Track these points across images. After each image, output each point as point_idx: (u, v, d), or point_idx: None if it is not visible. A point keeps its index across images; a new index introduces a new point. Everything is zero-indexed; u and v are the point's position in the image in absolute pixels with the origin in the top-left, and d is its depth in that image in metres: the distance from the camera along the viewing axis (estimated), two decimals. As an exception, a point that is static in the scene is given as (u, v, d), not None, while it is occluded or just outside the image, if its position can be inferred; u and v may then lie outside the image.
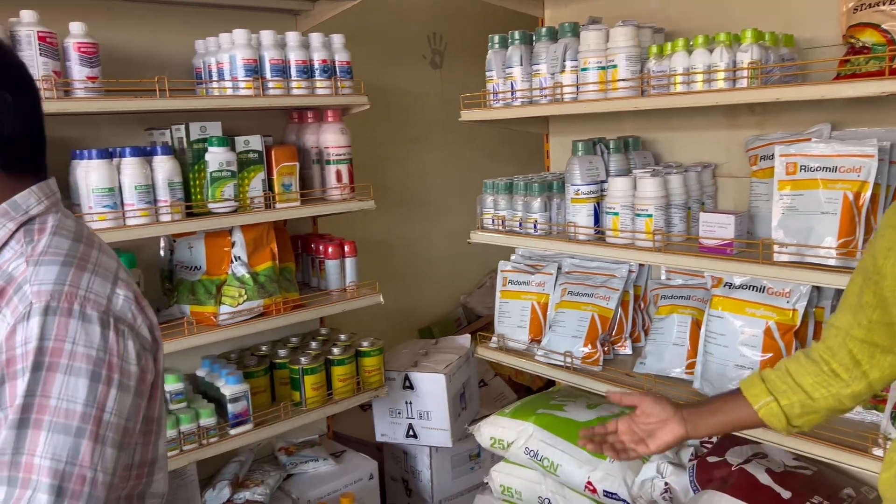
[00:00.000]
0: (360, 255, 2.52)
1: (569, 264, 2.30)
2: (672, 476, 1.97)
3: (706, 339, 1.79)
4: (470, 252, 3.80)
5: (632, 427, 1.33)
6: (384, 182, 3.33)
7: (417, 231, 3.66)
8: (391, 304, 2.60)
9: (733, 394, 1.24)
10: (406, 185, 3.59)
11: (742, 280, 1.74)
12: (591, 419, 2.21)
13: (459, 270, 3.88)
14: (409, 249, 3.64)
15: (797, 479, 1.77)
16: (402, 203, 3.56)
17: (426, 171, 3.68)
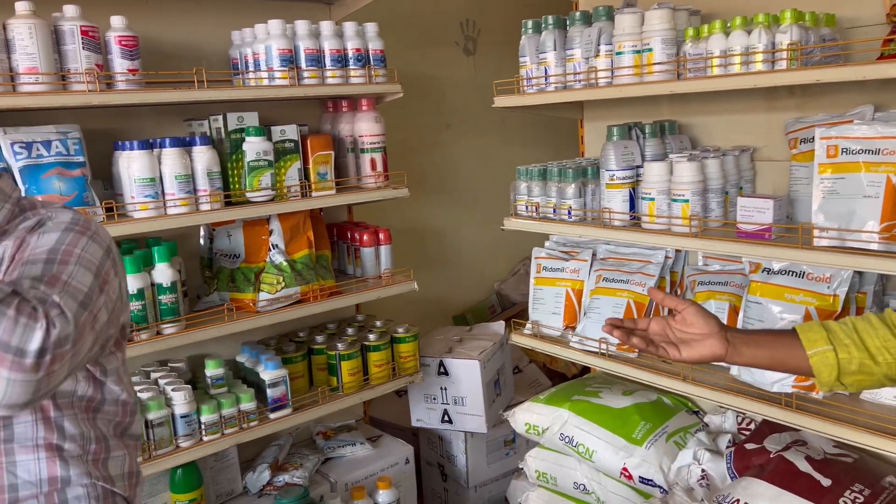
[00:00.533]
0: (394, 243, 2.54)
1: (603, 251, 2.29)
2: (709, 463, 1.96)
3: (744, 324, 1.77)
4: (503, 239, 3.80)
5: (665, 330, 1.22)
6: (417, 169, 3.34)
7: (451, 218, 3.67)
8: (425, 292, 2.62)
9: (786, 333, 1.17)
10: (439, 173, 3.60)
11: (781, 265, 1.71)
12: (627, 406, 2.21)
13: (493, 257, 3.88)
14: (443, 237, 3.66)
15: (837, 467, 1.75)
16: (436, 190, 3.57)
17: (459, 159, 3.68)
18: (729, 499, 1.78)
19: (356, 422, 2.75)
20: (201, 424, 2.07)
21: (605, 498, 2.14)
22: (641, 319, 1.25)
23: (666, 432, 2.12)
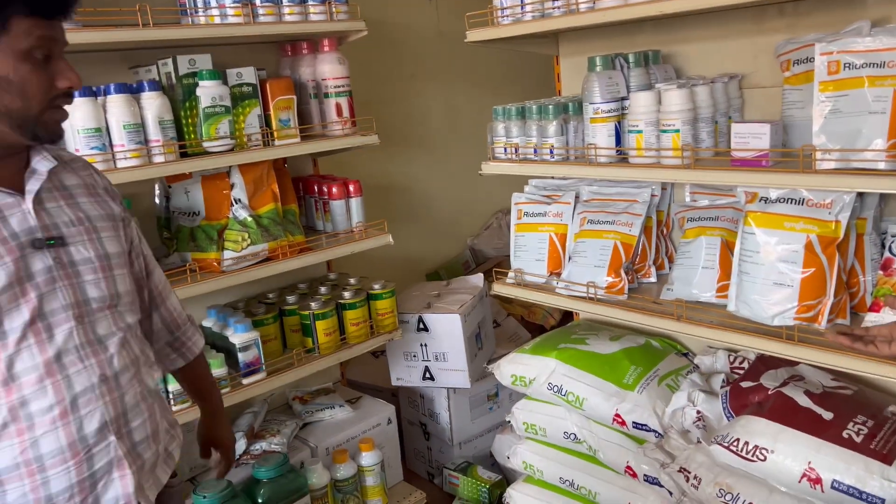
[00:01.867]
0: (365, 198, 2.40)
1: (587, 192, 2.19)
2: (704, 404, 1.90)
3: (741, 258, 1.69)
4: (476, 192, 3.69)
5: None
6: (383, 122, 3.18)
7: (420, 173, 3.53)
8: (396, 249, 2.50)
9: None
10: (406, 125, 3.45)
11: (779, 193, 1.63)
12: (615, 351, 2.14)
13: (465, 212, 3.77)
14: (412, 192, 3.52)
15: (838, 400, 1.70)
16: (403, 144, 3.43)
17: (426, 110, 3.53)
18: (728, 438, 1.72)
19: (333, 384, 2.64)
20: (169, 394, 1.93)
21: (597, 446, 2.08)
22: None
23: (657, 376, 2.06)
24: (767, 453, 1.64)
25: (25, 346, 1.03)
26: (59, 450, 1.06)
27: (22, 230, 1.05)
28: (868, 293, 1.63)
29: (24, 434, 1.04)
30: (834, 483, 1.54)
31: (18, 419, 1.04)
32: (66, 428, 1.06)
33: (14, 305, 1.02)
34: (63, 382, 1.06)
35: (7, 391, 1.03)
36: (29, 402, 1.04)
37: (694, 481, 1.83)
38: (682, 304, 1.80)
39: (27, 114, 1.02)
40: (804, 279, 1.57)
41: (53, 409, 1.05)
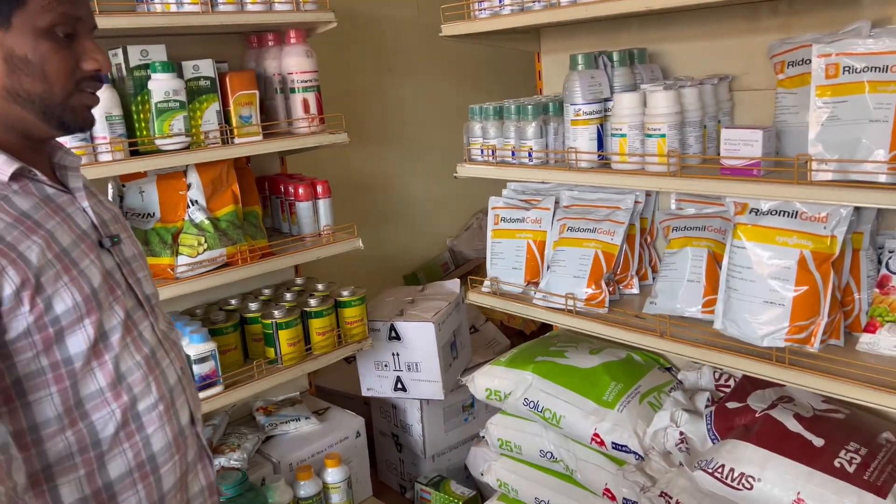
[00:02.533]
0: (336, 199, 2.27)
1: (567, 197, 2.07)
2: (687, 424, 1.79)
3: (729, 273, 1.58)
4: (455, 192, 3.56)
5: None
6: (359, 117, 3.06)
7: (397, 170, 3.40)
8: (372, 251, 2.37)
9: None
10: (383, 120, 3.32)
11: (771, 205, 1.52)
12: (596, 365, 2.03)
13: (444, 211, 3.65)
14: (389, 190, 3.39)
15: (829, 425, 1.60)
16: (379, 141, 3.29)
17: (404, 105, 3.40)
18: (713, 464, 1.61)
19: (301, 394, 2.51)
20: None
21: (574, 466, 1.97)
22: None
23: (639, 393, 1.95)
24: (754, 481, 1.54)
25: (125, 345, 1.01)
26: (167, 445, 1.05)
27: (88, 228, 1.02)
28: (863, 312, 1.53)
29: (135, 436, 1.01)
30: (825, 516, 1.44)
31: (129, 422, 1.01)
32: (170, 422, 1.06)
33: (109, 304, 1.00)
34: (161, 377, 1.06)
35: (117, 394, 1.00)
36: (138, 401, 1.02)
37: (676, 507, 1.72)
38: (666, 321, 1.69)
39: (51, 99, 0.96)
40: (796, 298, 1.47)
41: (159, 405, 1.05)
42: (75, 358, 0.95)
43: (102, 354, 0.97)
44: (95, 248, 1.01)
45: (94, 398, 0.97)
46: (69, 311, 0.93)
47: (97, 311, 0.97)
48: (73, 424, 0.95)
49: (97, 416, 0.97)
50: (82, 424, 0.96)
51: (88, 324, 0.95)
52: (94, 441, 0.98)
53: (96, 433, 0.97)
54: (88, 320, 0.95)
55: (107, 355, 0.98)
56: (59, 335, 0.93)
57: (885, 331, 1.46)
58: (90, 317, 0.95)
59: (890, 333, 1.45)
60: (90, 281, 0.96)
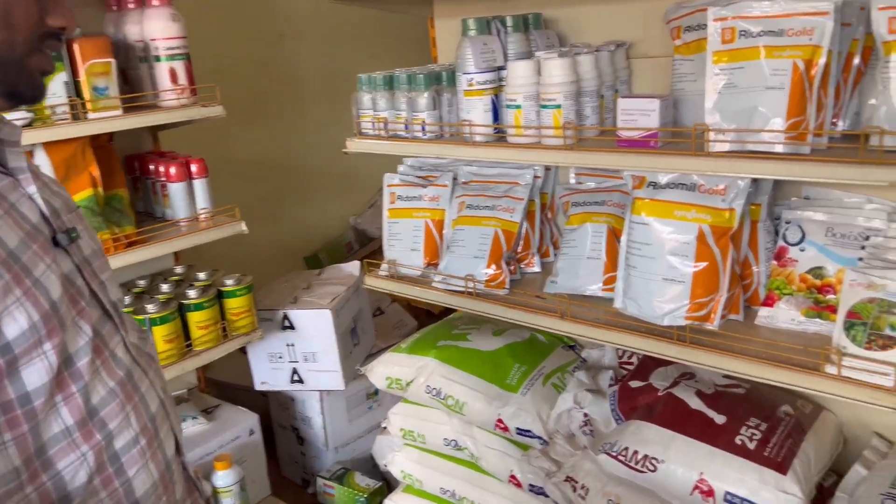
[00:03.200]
0: (226, 178, 2.08)
1: (466, 173, 1.96)
2: (591, 406, 1.74)
3: (628, 250, 1.51)
4: (358, 167, 3.40)
5: None
6: (247, 91, 2.84)
7: (295, 146, 3.20)
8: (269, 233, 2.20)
9: None
10: (275, 93, 3.10)
11: (669, 178, 1.46)
12: (499, 347, 1.95)
13: (347, 188, 3.48)
14: (287, 168, 3.19)
15: (730, 401, 1.57)
16: (273, 115, 3.08)
17: (298, 76, 3.19)
18: (617, 447, 1.56)
19: (188, 391, 2.32)
20: None
21: (479, 453, 1.89)
22: None
23: (542, 374, 1.88)
24: (658, 463, 1.50)
25: (95, 371, 0.82)
26: (153, 487, 0.87)
27: (38, 222, 0.80)
28: (762, 285, 1.50)
29: (113, 482, 0.82)
30: (727, 496, 1.41)
31: (105, 466, 0.82)
32: (154, 458, 0.88)
33: (72, 320, 0.79)
34: (141, 404, 0.88)
35: (88, 434, 0.79)
36: (115, 439, 0.83)
37: (581, 491, 1.67)
38: (566, 301, 1.61)
39: (10, 53, 0.77)
40: (696, 274, 1.41)
41: (140, 440, 0.86)
42: (34, 395, 0.74)
43: (68, 385, 0.78)
44: (50, 248, 0.80)
45: (60, 441, 0.77)
46: (24, 335, 0.72)
47: (59, 332, 0.76)
48: (34, 478, 0.75)
49: (64, 463, 0.78)
50: (45, 476, 0.76)
51: (49, 349, 0.75)
52: (63, 496, 0.78)
53: (64, 485, 0.78)
54: (49, 344, 0.75)
55: (74, 386, 0.78)
56: (11, 367, 0.72)
57: (782, 304, 1.43)
58: (51, 339, 0.75)
59: (787, 306, 1.43)
60: (48, 292, 0.75)
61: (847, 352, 1.22)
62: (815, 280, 1.42)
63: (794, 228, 1.46)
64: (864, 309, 1.24)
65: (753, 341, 1.36)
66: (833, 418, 1.57)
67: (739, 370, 1.34)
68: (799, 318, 1.41)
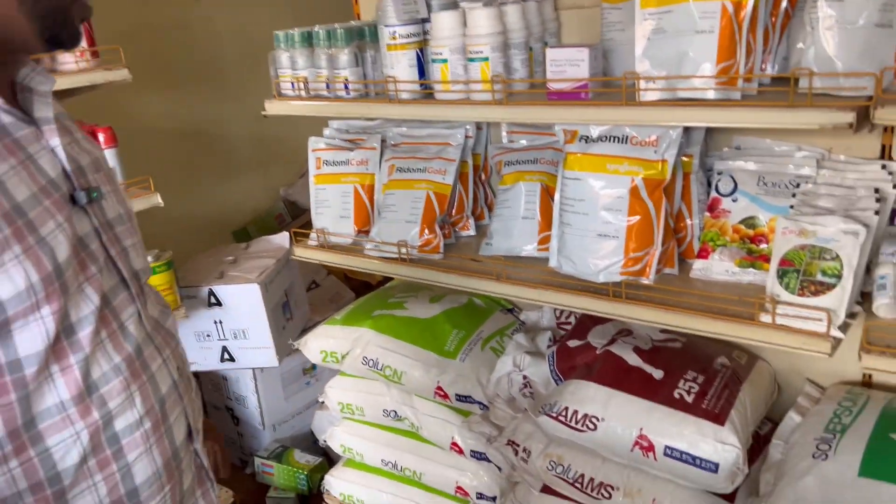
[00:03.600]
0: (139, 148, 1.94)
1: (395, 135, 1.88)
2: (531, 368, 1.71)
3: (562, 207, 1.47)
4: (285, 135, 3.25)
5: None
6: (162, 53, 2.67)
7: (214, 114, 3.04)
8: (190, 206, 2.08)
9: None
10: (194, 59, 2.93)
11: (601, 130, 1.42)
12: (436, 314, 1.90)
13: (275, 158, 3.34)
14: (207, 137, 3.03)
15: (667, 355, 1.57)
16: (191, 80, 2.91)
17: (218, 40, 3.02)
18: (557, 408, 1.54)
19: (111, 377, 2.19)
20: None
21: (419, 422, 1.85)
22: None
23: (481, 338, 1.85)
24: (598, 422, 1.48)
25: (99, 343, 0.77)
26: (155, 475, 0.82)
27: (57, 177, 0.76)
28: (696, 238, 1.48)
29: (110, 465, 0.78)
30: (667, 449, 1.41)
31: (102, 447, 0.77)
32: (160, 444, 0.83)
33: (78, 286, 0.75)
34: (150, 384, 0.83)
35: (84, 410, 0.75)
36: (114, 420, 0.78)
37: (523, 454, 1.65)
38: (501, 262, 1.56)
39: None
40: (630, 228, 1.38)
41: (144, 422, 0.81)
42: (26, 362, 0.70)
43: (66, 356, 0.74)
44: (66, 206, 0.75)
45: (53, 415, 0.73)
46: (20, 296, 0.68)
47: (60, 297, 0.71)
48: (20, 452, 0.72)
49: (56, 439, 0.74)
50: (33, 451, 0.73)
51: (48, 314, 0.70)
52: (52, 475, 0.74)
53: (54, 463, 0.74)
54: (48, 308, 0.70)
55: (72, 357, 0.74)
56: (2, 329, 0.68)
57: (716, 255, 1.42)
58: (50, 304, 0.70)
59: (721, 258, 1.41)
60: (53, 253, 0.71)
61: (781, 300, 1.21)
62: (748, 230, 1.41)
63: (727, 179, 1.45)
64: (796, 256, 1.23)
65: (689, 294, 1.34)
66: (767, 367, 1.59)
67: (676, 323, 1.32)
68: (733, 269, 1.40)
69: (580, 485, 1.55)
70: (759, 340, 1.22)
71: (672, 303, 1.33)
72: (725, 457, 1.35)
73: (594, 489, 1.53)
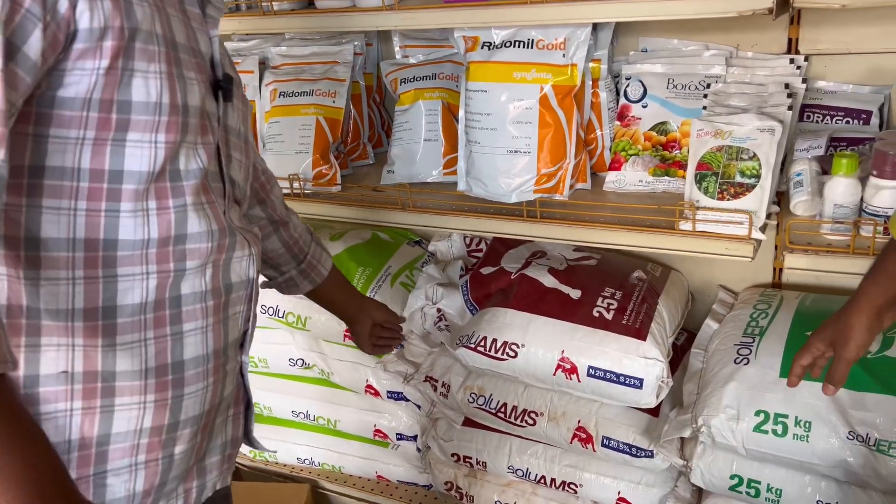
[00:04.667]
0: None
1: (274, 56, 1.69)
2: (444, 300, 1.62)
3: (467, 123, 1.35)
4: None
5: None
6: None
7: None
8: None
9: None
10: None
11: (505, 34, 1.29)
12: (339, 252, 1.76)
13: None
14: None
15: (584, 273, 1.51)
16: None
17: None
18: (475, 338, 1.46)
19: None
20: None
21: (329, 368, 1.73)
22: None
23: (389, 274, 1.73)
24: (518, 348, 1.42)
25: (198, 204, 0.76)
26: (203, 358, 0.80)
27: (206, 55, 0.79)
28: (607, 149, 1.41)
29: (164, 327, 0.76)
30: (590, 370, 1.36)
31: (163, 303, 0.75)
32: (214, 330, 0.81)
33: (195, 141, 0.75)
34: (223, 266, 0.81)
35: (163, 256, 0.74)
36: (182, 281, 0.76)
37: (442, 389, 1.58)
38: (406, 190, 1.44)
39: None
40: (542, 141, 1.29)
41: (207, 299, 0.79)
42: (128, 177, 0.70)
43: (166, 197, 0.73)
44: (205, 72, 0.78)
45: (132, 248, 0.72)
46: (147, 107, 0.69)
47: (178, 133, 0.72)
48: (89, 266, 0.70)
49: (125, 272, 0.72)
50: (101, 272, 0.71)
51: (161, 140, 0.71)
52: (109, 306, 0.72)
53: (114, 293, 0.72)
54: (163, 136, 0.71)
55: (172, 201, 0.73)
56: (119, 133, 0.68)
57: (629, 166, 1.36)
58: (167, 133, 0.71)
59: (634, 168, 1.35)
60: (187, 94, 0.73)
61: (700, 205, 1.16)
62: (660, 136, 1.35)
63: (636, 84, 1.37)
64: (713, 158, 1.17)
65: (605, 207, 1.27)
66: (681, 277, 1.57)
67: (595, 240, 1.26)
68: (647, 179, 1.34)
69: (503, 414, 1.49)
70: (680, 250, 1.18)
71: (589, 218, 1.26)
72: (649, 371, 1.32)
73: (517, 417, 1.49)
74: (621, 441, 1.39)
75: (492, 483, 1.60)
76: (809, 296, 1.37)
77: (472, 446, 1.57)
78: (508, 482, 1.59)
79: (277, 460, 1.89)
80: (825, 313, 1.27)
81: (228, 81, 0.81)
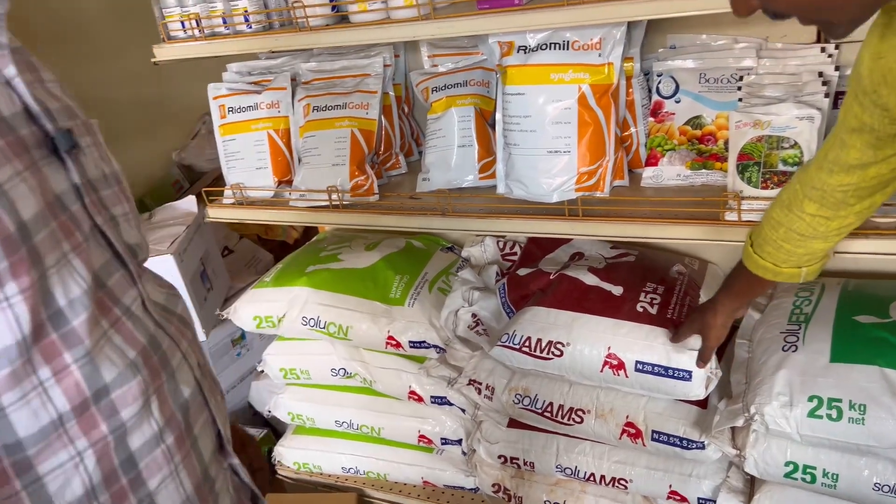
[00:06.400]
0: None
1: (305, 71, 1.72)
2: (480, 302, 1.64)
3: (505, 126, 1.37)
4: (169, 92, 2.97)
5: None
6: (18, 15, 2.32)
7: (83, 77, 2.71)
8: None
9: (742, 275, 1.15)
10: (54, 17, 2.59)
11: (539, 38, 1.32)
12: (375, 262, 1.78)
13: (162, 120, 3.05)
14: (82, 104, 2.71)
15: (623, 270, 1.53)
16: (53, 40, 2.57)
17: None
18: (518, 338, 1.47)
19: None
20: None
21: (372, 376, 1.75)
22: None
23: (427, 281, 1.75)
24: (563, 347, 1.43)
25: (103, 336, 0.58)
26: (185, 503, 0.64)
27: (12, 116, 0.56)
28: (642, 146, 1.43)
29: (127, 498, 0.59)
30: (637, 365, 1.37)
31: (115, 475, 0.59)
32: (187, 463, 0.64)
33: (62, 256, 0.55)
34: (168, 387, 0.64)
35: (89, 424, 0.57)
36: (129, 434, 0.59)
37: (487, 392, 1.59)
38: (446, 195, 1.46)
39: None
40: (582, 140, 1.31)
41: (165, 436, 0.63)
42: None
43: (59, 354, 0.55)
44: (27, 153, 0.55)
45: (43, 437, 0.55)
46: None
47: (31, 269, 0.52)
48: (1, 485, 0.54)
49: (49, 466, 0.55)
50: (20, 484, 0.54)
51: (14, 293, 0.51)
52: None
53: (48, 498, 0.55)
54: (14, 286, 0.51)
55: (68, 355, 0.55)
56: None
57: (666, 160, 1.38)
58: (17, 279, 0.51)
59: (671, 162, 1.37)
60: (14, 207, 0.52)
61: (745, 195, 1.18)
62: (695, 130, 1.37)
63: (668, 80, 1.39)
64: (754, 149, 1.19)
65: (647, 202, 1.29)
66: (718, 270, 1.58)
67: (639, 234, 1.27)
68: (685, 173, 1.36)
69: (550, 413, 1.50)
70: (728, 240, 1.19)
71: (631, 214, 1.28)
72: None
73: (564, 415, 1.49)
74: (672, 434, 1.39)
75: (540, 483, 1.61)
76: (851, 281, 1.39)
77: (519, 447, 1.58)
78: (557, 481, 1.59)
79: (322, 471, 1.90)
80: (870, 298, 1.30)
81: (66, 134, 0.61)
